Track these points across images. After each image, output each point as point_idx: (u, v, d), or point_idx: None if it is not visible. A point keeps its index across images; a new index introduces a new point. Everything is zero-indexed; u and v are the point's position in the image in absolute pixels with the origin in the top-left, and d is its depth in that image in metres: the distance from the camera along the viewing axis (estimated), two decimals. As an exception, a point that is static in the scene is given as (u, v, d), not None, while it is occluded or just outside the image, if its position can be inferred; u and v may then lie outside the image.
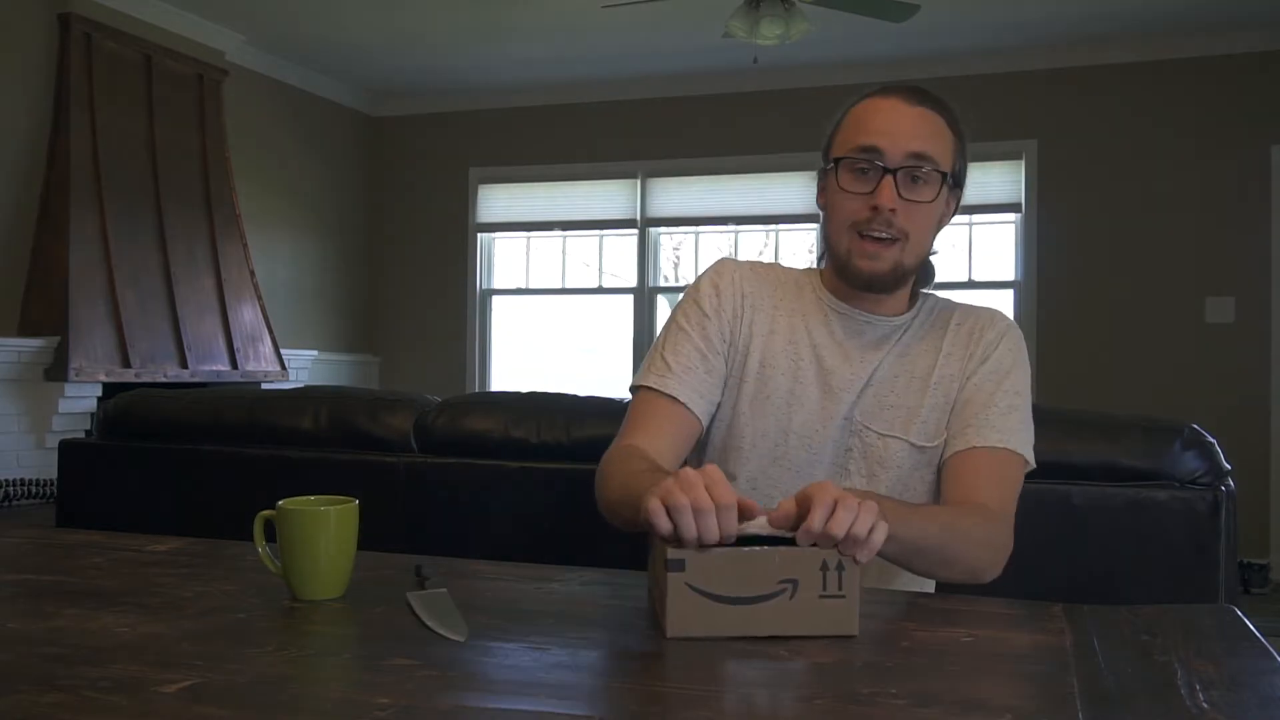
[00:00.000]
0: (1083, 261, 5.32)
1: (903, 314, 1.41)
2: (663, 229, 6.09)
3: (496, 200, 6.35)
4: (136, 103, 4.68)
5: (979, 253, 5.57)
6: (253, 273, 5.22)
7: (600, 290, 6.27)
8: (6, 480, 4.06)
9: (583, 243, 6.31)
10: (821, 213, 1.41)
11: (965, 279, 5.57)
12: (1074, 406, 1.99)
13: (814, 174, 1.45)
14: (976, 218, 5.55)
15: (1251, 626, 0.96)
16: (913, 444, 1.34)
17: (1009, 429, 1.32)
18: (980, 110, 5.44)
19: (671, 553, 0.91)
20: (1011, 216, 5.49)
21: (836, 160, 1.34)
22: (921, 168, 1.31)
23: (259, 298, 5.23)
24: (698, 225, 5.99)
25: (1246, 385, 5.02)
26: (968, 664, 0.85)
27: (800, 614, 0.90)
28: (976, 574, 1.22)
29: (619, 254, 6.20)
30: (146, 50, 4.73)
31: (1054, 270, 5.36)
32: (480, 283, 6.40)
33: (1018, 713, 0.74)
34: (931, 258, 1.43)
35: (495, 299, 6.44)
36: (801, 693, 0.77)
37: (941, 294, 1.49)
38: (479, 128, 6.33)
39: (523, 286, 6.42)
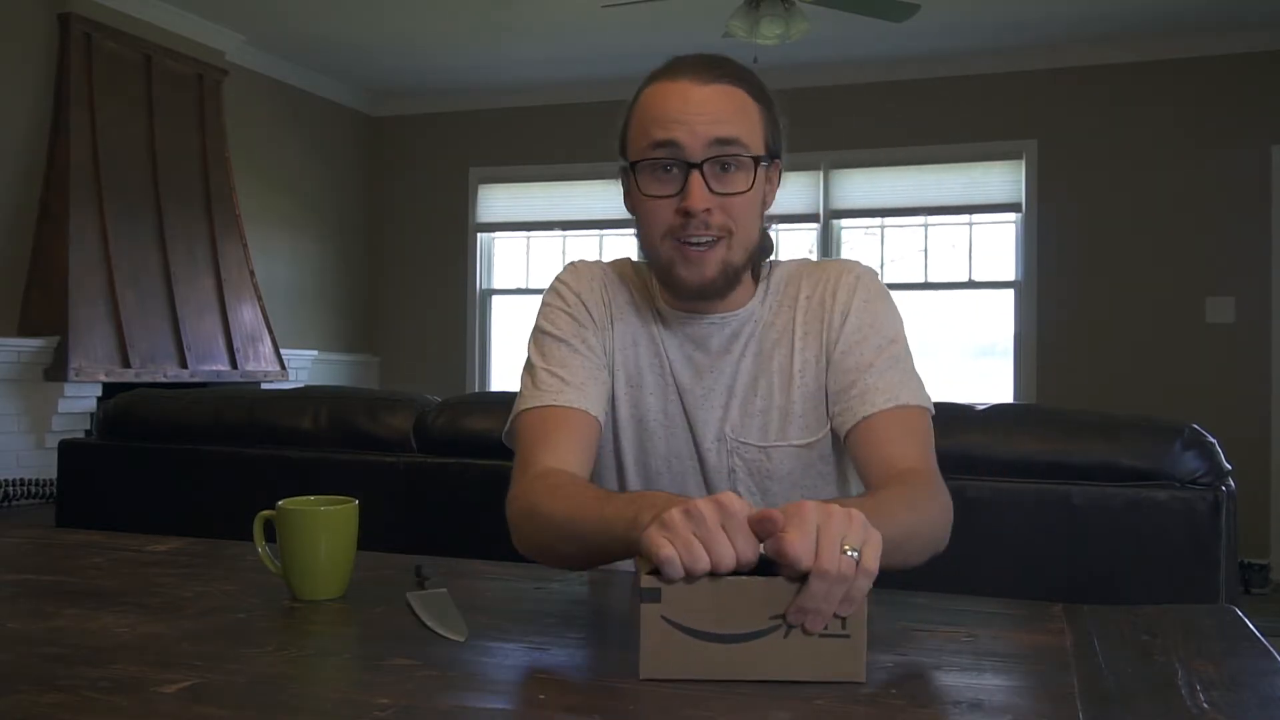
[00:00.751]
0: (1083, 261, 5.32)
1: (749, 303, 1.26)
2: (663, 229, 6.08)
3: (496, 200, 6.35)
4: (136, 103, 4.68)
5: (979, 253, 5.57)
6: (253, 273, 5.22)
7: (600, 290, 6.26)
8: (6, 480, 4.06)
9: (583, 243, 6.31)
10: (633, 216, 1.23)
11: (965, 279, 5.56)
12: (1074, 406, 1.99)
13: (817, 173, 1.35)
14: (976, 218, 5.55)
15: (1251, 626, 0.96)
16: (796, 445, 1.23)
17: (894, 385, 1.19)
18: (980, 110, 5.45)
19: (646, 580, 0.79)
20: (1011, 216, 5.49)
21: (633, 163, 1.18)
22: (730, 155, 1.15)
23: (259, 298, 5.23)
24: (698, 225, 5.99)
25: (1246, 385, 5.02)
26: (968, 664, 0.85)
27: (795, 655, 0.78)
28: (938, 547, 1.10)
29: (619, 254, 6.19)
30: (146, 50, 4.73)
31: (1054, 270, 5.36)
32: (480, 283, 6.40)
33: (1018, 713, 0.74)
34: (769, 231, 1.27)
35: (495, 299, 6.44)
36: (802, 693, 0.77)
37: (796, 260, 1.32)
38: (479, 128, 6.33)
39: (523, 286, 6.42)
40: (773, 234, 1.32)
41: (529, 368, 1.26)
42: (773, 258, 1.31)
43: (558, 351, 1.24)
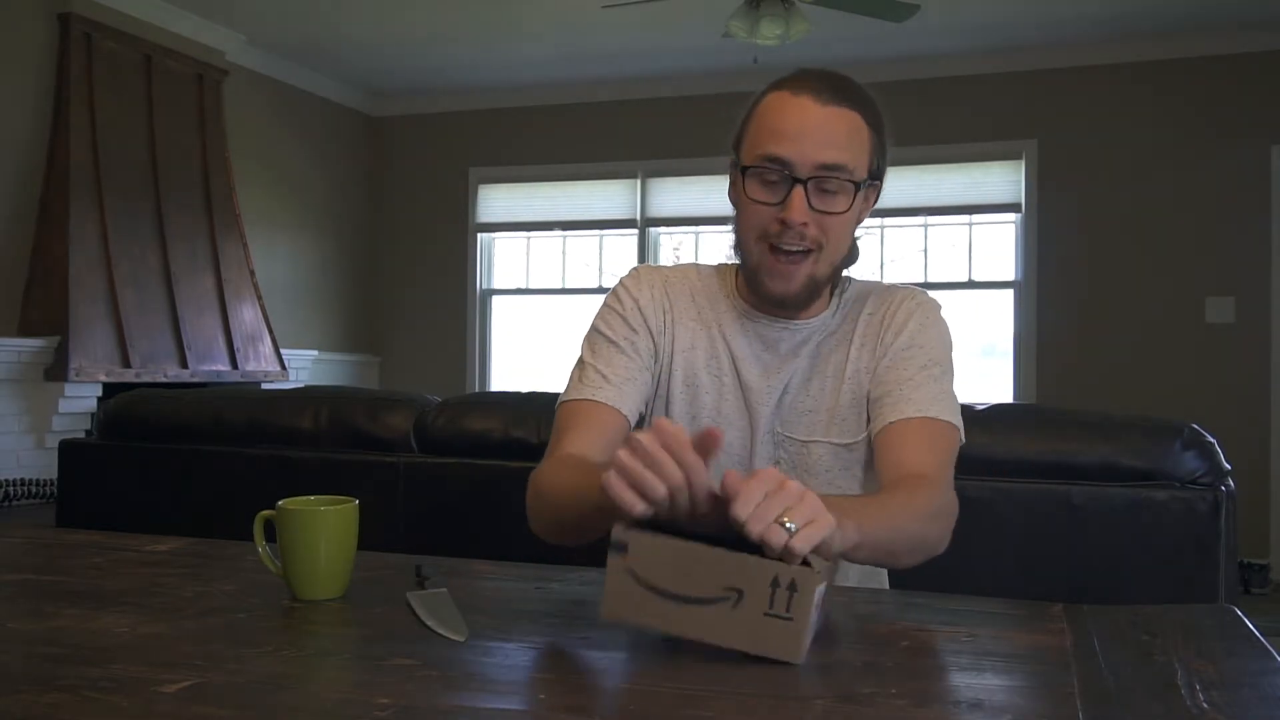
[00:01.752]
0: (1083, 261, 5.32)
1: (822, 314, 1.34)
2: (663, 229, 6.09)
3: (496, 200, 6.35)
4: (136, 103, 4.68)
5: (979, 253, 5.57)
6: (253, 273, 5.22)
7: (600, 290, 6.26)
8: (6, 480, 4.06)
9: (583, 243, 6.31)
10: (734, 208, 1.31)
11: (965, 279, 5.57)
12: (1074, 406, 1.99)
13: None
14: (976, 218, 5.55)
15: (1251, 626, 0.96)
16: (835, 444, 1.31)
17: (928, 399, 1.26)
18: (980, 110, 5.45)
19: (616, 532, 0.86)
20: (1011, 216, 5.49)
21: (744, 168, 1.26)
22: (834, 178, 1.22)
23: (259, 298, 5.23)
24: (698, 225, 5.99)
25: (1246, 385, 5.02)
26: (968, 664, 0.85)
27: (740, 627, 0.83)
28: (931, 550, 1.15)
29: (619, 254, 6.20)
30: (146, 50, 4.73)
31: (1054, 270, 5.36)
32: (480, 283, 6.40)
33: (1018, 713, 0.74)
34: (857, 242, 1.33)
35: (495, 299, 6.44)
36: (801, 693, 0.77)
37: (876, 280, 1.42)
38: (479, 128, 6.33)
39: (523, 286, 6.42)
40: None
41: (579, 363, 1.34)
42: (852, 270, 1.38)
43: (606, 350, 1.33)
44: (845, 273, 1.37)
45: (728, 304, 1.36)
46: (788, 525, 0.82)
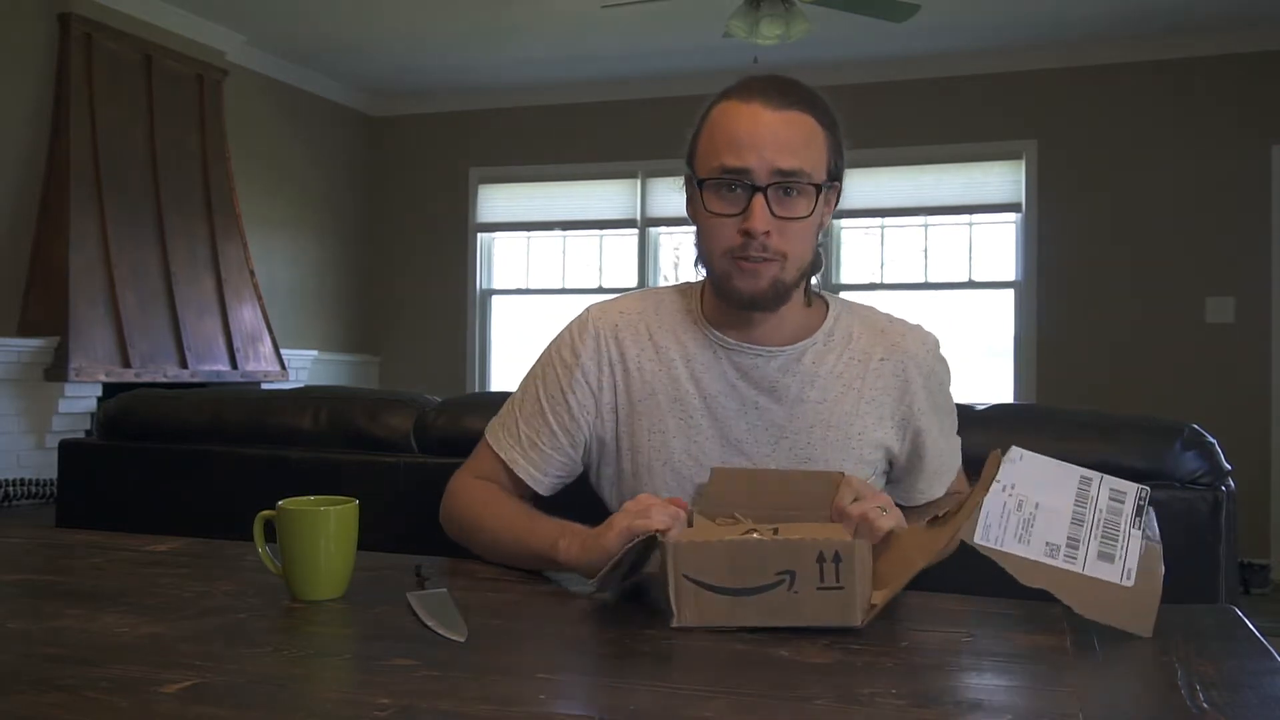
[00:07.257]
0: (1083, 261, 5.32)
1: (802, 340, 1.29)
2: (663, 229, 6.08)
3: (496, 200, 6.35)
4: (136, 103, 4.68)
5: (979, 253, 5.57)
6: (253, 273, 5.22)
7: (600, 290, 6.27)
8: (6, 480, 4.06)
9: (583, 243, 6.31)
10: (694, 224, 1.28)
11: (965, 279, 5.56)
12: (1074, 406, 1.99)
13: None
14: (976, 218, 5.55)
15: (1251, 626, 0.96)
16: None
17: (954, 464, 1.41)
18: (980, 110, 5.44)
19: (669, 541, 0.95)
20: (1011, 216, 5.49)
21: (701, 181, 1.23)
22: (794, 182, 1.20)
23: (259, 298, 5.23)
24: (698, 225, 5.99)
25: (1246, 385, 5.02)
26: (968, 664, 0.86)
27: (799, 605, 0.91)
28: None
29: (619, 254, 6.20)
30: (146, 50, 4.73)
31: (1054, 270, 5.36)
32: (480, 283, 6.40)
33: (1018, 713, 0.74)
34: (820, 250, 1.31)
35: (495, 299, 6.44)
36: (801, 693, 0.77)
37: (894, 295, 1.47)
38: (479, 128, 6.33)
39: (523, 286, 6.42)
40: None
41: (520, 398, 1.37)
42: (826, 290, 1.41)
43: (530, 409, 1.35)
44: (836, 296, 1.37)
45: (695, 331, 1.31)
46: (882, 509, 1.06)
